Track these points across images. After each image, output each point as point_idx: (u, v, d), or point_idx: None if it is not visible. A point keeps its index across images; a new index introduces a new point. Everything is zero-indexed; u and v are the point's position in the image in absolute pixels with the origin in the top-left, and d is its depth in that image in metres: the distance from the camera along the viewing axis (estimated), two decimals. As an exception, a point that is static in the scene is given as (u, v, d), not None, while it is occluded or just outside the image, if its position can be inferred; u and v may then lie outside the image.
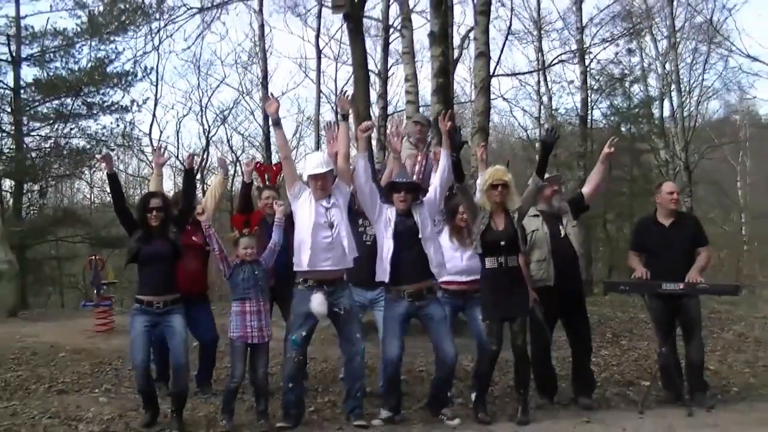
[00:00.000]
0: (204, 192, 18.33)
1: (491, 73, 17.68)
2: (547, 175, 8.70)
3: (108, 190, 8.00)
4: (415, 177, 8.96)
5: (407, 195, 7.60)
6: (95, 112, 28.29)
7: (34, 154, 27.63)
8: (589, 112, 29.32)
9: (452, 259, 8.04)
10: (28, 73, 27.46)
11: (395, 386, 7.78)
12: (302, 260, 7.39)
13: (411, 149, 9.55)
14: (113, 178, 7.78)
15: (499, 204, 7.63)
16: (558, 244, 8.27)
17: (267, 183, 9.03)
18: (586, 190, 8.64)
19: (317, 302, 7.31)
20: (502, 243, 7.50)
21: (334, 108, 8.88)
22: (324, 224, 7.41)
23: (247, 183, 9.16)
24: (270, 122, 8.15)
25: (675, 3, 29.08)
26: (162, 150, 10.02)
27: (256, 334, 7.43)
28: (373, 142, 14.52)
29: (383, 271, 7.54)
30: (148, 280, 7.39)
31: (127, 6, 19.35)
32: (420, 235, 7.52)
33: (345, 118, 8.18)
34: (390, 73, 25.90)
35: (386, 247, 7.54)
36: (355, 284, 7.81)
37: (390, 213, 7.62)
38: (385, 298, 7.73)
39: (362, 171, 7.52)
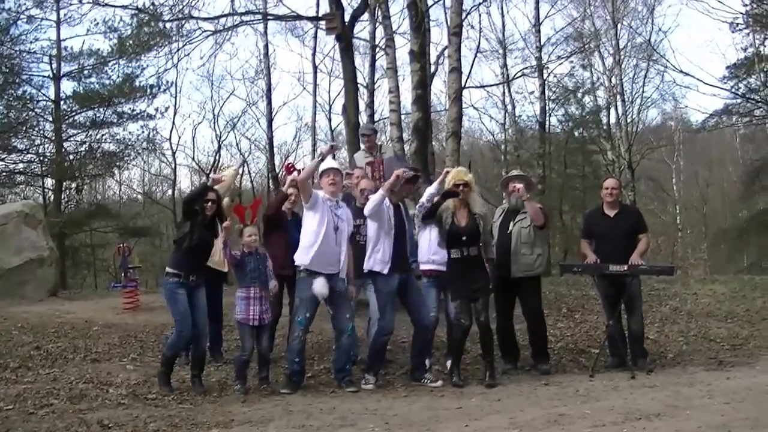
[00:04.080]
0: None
1: (463, 86, 17.66)
2: (515, 172, 8.72)
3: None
4: (379, 180, 9.01)
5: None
6: (124, 120, 28.52)
7: (71, 157, 27.84)
8: (547, 118, 29.29)
9: (439, 252, 7.97)
10: (67, 87, 27.51)
11: (384, 353, 7.87)
12: (309, 258, 7.43)
13: (368, 157, 9.51)
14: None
15: (461, 201, 7.67)
16: (501, 237, 8.33)
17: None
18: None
19: (320, 285, 7.34)
20: (464, 237, 7.58)
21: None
22: (331, 231, 7.47)
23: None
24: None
25: (619, 26, 29.12)
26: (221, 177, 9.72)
27: (257, 317, 7.47)
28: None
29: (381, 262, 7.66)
30: (194, 260, 7.43)
31: (151, 30, 19.26)
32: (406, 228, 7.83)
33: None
34: (376, 85, 25.70)
35: (387, 243, 7.65)
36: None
37: (390, 212, 7.72)
38: (379, 278, 7.69)
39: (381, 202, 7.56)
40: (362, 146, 9.59)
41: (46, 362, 8.68)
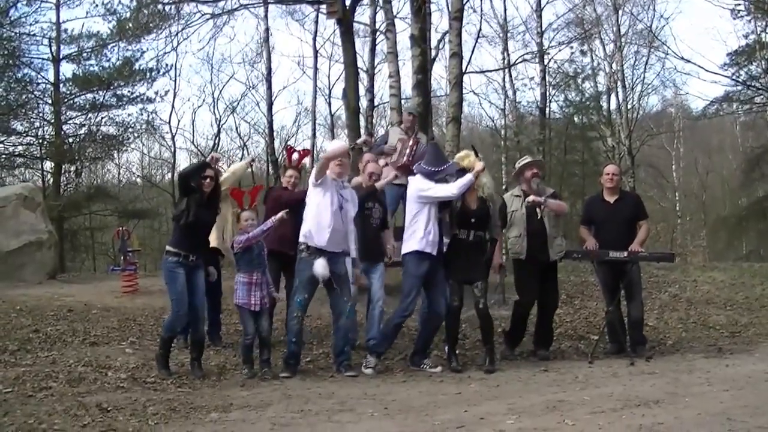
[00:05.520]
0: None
1: (463, 71, 17.60)
2: (529, 159, 8.69)
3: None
4: (405, 159, 9.04)
5: None
6: (123, 102, 28.31)
7: (71, 140, 27.64)
8: (547, 104, 29.37)
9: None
10: (67, 69, 27.34)
11: (395, 335, 7.93)
12: (326, 239, 7.31)
13: (401, 134, 9.49)
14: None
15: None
16: (533, 225, 8.17)
17: (292, 164, 8.81)
18: None
19: (321, 266, 7.24)
20: (473, 220, 7.59)
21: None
22: (337, 210, 7.37)
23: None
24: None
25: (620, 12, 29.05)
26: (220, 156, 9.71)
27: (258, 302, 7.41)
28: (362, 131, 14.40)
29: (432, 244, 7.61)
30: (193, 239, 7.30)
31: (151, 13, 19.22)
32: None
33: None
34: (376, 70, 25.79)
35: (436, 226, 7.62)
36: (361, 259, 7.78)
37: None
38: (413, 261, 7.64)
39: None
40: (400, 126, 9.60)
41: (45, 345, 8.64)
